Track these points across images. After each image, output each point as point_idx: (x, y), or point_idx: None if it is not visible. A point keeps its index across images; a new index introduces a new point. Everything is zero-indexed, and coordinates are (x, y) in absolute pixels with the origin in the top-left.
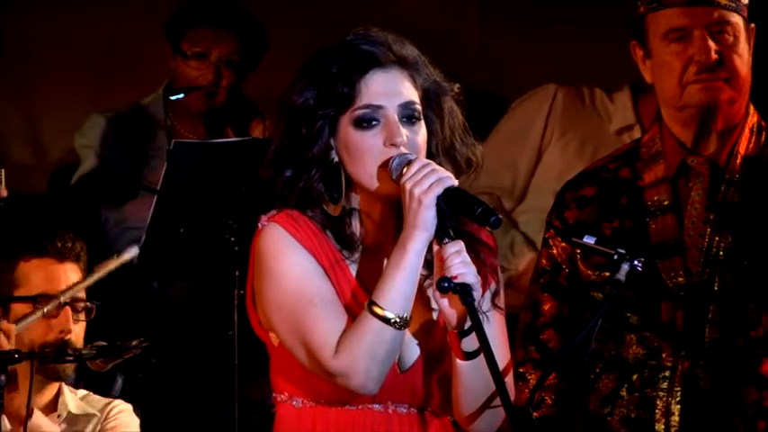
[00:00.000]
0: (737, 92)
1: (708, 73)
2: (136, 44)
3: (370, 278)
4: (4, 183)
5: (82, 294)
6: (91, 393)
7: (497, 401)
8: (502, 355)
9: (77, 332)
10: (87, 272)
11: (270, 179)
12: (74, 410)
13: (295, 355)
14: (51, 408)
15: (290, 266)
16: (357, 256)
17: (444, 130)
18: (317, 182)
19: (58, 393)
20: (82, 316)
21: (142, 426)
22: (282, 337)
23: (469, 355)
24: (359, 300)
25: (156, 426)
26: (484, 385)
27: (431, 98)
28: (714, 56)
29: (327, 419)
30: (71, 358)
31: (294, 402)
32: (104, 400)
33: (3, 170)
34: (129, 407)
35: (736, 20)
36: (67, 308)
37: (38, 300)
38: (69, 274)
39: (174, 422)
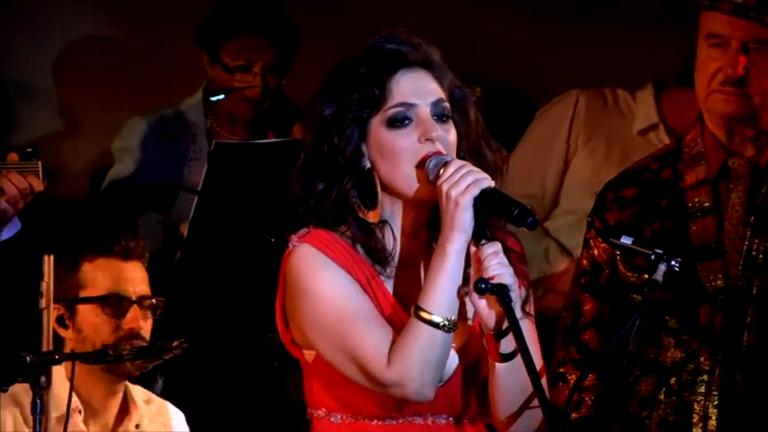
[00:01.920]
0: (763, 107)
1: (732, 86)
2: (178, 48)
3: (407, 292)
4: (42, 175)
5: (148, 291)
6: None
7: (534, 403)
8: (535, 360)
9: (146, 329)
10: (148, 270)
11: (302, 194)
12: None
13: (343, 371)
14: (124, 410)
15: (328, 285)
16: (391, 270)
17: (471, 134)
18: (351, 189)
19: (126, 394)
20: (149, 313)
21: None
22: (327, 355)
23: (506, 357)
24: (399, 314)
25: (196, 427)
26: (520, 388)
27: (456, 101)
28: (741, 71)
29: None
30: (112, 359)
31: (333, 419)
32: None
33: (40, 163)
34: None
35: None
36: (136, 306)
37: (107, 300)
38: (135, 273)
39: (215, 423)
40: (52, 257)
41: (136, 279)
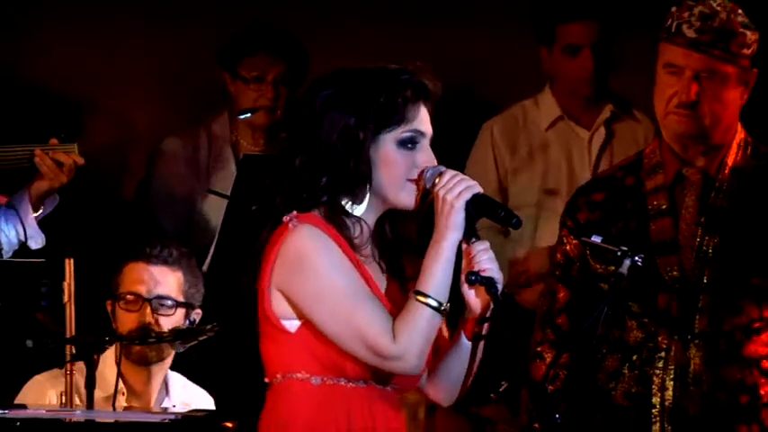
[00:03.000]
0: (712, 127)
1: (685, 109)
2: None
3: (377, 278)
4: (77, 152)
5: (169, 293)
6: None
7: (470, 377)
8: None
9: (160, 326)
10: (190, 275)
11: (302, 183)
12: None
13: (340, 340)
14: (163, 392)
15: (334, 264)
16: (361, 256)
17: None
18: (348, 187)
19: (165, 379)
20: (164, 311)
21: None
22: (329, 327)
23: (477, 338)
24: (380, 296)
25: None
26: (464, 367)
27: None
28: (693, 97)
29: (344, 395)
30: (153, 341)
31: (313, 380)
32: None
33: (75, 144)
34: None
35: (728, 70)
36: (147, 304)
37: (123, 297)
38: (157, 276)
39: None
40: (72, 260)
41: (155, 282)
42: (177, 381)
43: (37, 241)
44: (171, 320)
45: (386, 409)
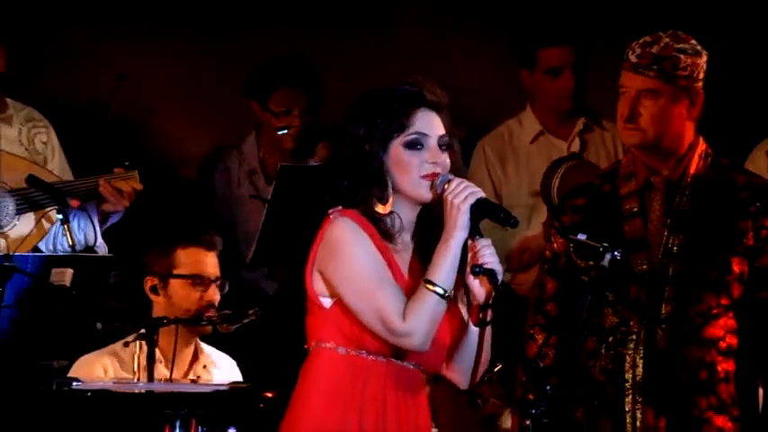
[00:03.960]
0: (660, 139)
1: (629, 123)
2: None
3: (405, 266)
4: (138, 179)
5: (219, 275)
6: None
7: (479, 365)
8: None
9: (217, 301)
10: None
11: (335, 186)
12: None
13: (363, 316)
14: (195, 357)
15: (363, 252)
16: (395, 245)
17: (457, 159)
18: (373, 188)
19: (196, 346)
20: (219, 290)
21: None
22: (354, 305)
23: (482, 324)
24: (404, 281)
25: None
26: (475, 350)
27: (452, 133)
28: (628, 112)
29: (358, 366)
30: (205, 322)
31: (339, 350)
32: (222, 354)
33: (136, 171)
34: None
35: (664, 89)
36: (213, 284)
37: (196, 278)
38: (213, 260)
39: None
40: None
41: (213, 265)
42: (207, 347)
43: (102, 250)
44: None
45: (404, 384)
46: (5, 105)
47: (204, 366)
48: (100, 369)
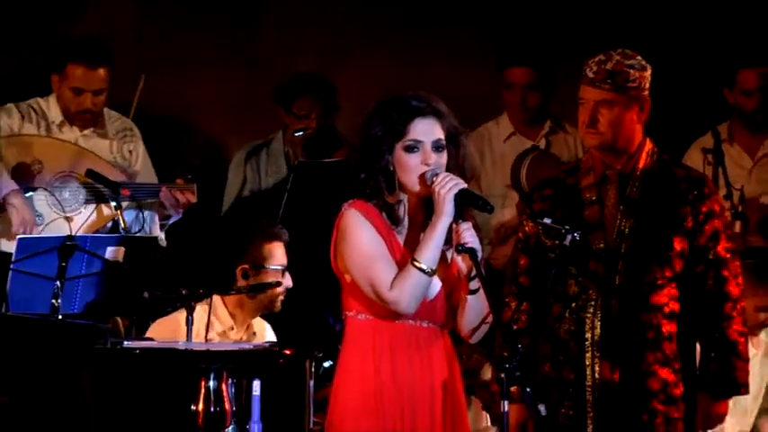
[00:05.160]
0: (615, 140)
1: (589, 128)
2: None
3: (410, 244)
4: (196, 193)
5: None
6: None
7: (486, 322)
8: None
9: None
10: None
11: (353, 179)
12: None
13: (363, 288)
14: (251, 325)
15: (362, 236)
16: (401, 229)
17: (459, 156)
18: (382, 182)
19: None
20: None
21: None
22: (356, 278)
23: (472, 292)
24: (404, 257)
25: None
26: (477, 312)
27: (451, 136)
28: (588, 119)
29: (381, 328)
30: (234, 292)
31: (360, 317)
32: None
33: (195, 185)
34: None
35: (617, 99)
36: (287, 272)
37: (285, 269)
38: (285, 252)
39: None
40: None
41: (285, 255)
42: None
43: (163, 242)
44: None
45: (418, 339)
46: (103, 120)
47: (254, 333)
48: (174, 328)
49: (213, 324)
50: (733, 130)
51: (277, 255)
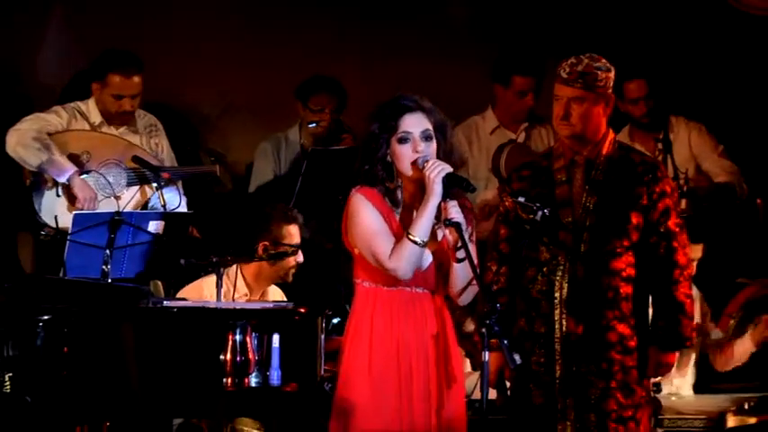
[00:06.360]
0: (583, 131)
1: (563, 121)
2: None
3: (406, 222)
4: (218, 172)
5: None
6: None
7: (472, 285)
8: (475, 262)
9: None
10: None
11: (359, 170)
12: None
13: (368, 259)
14: (266, 290)
15: (366, 216)
16: (399, 210)
17: (446, 144)
18: (381, 171)
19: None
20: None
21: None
22: (362, 250)
23: (459, 261)
24: (400, 232)
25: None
26: (463, 278)
27: (438, 127)
28: (562, 113)
29: (383, 295)
30: (257, 259)
31: (365, 284)
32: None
33: (217, 167)
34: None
35: (587, 96)
36: (300, 250)
37: (299, 248)
38: (299, 232)
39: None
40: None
41: (299, 235)
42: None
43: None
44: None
45: (414, 303)
46: (134, 118)
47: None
48: (205, 291)
49: (229, 292)
50: (632, 132)
51: (293, 234)
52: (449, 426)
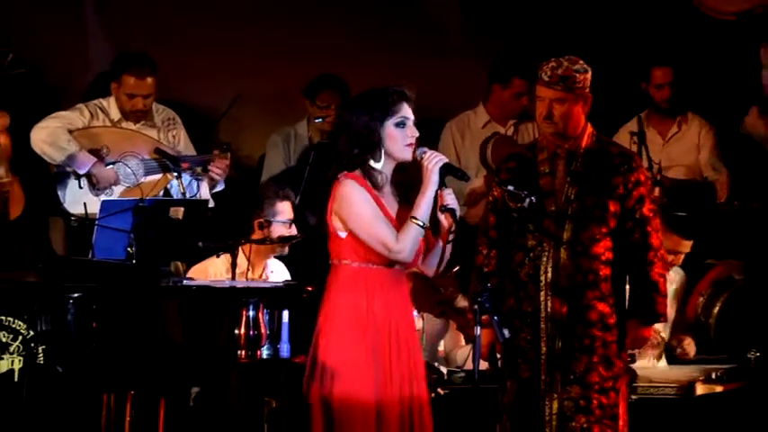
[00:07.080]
0: (565, 128)
1: (546, 120)
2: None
3: (389, 205)
4: (229, 159)
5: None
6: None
7: (443, 263)
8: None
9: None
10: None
11: (346, 154)
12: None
13: (370, 243)
14: (266, 265)
15: (362, 201)
16: (382, 193)
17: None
18: (370, 153)
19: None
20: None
21: None
22: (361, 236)
23: (449, 242)
24: (388, 215)
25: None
26: (438, 258)
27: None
28: (545, 112)
29: (369, 274)
30: (268, 242)
31: (352, 264)
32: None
33: (229, 153)
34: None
35: (568, 97)
36: (292, 224)
37: (291, 222)
38: (291, 208)
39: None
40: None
41: (291, 211)
42: (269, 260)
43: (211, 203)
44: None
45: (394, 281)
46: (152, 114)
47: (272, 271)
48: (210, 271)
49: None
50: (649, 116)
51: (285, 210)
52: (419, 396)
